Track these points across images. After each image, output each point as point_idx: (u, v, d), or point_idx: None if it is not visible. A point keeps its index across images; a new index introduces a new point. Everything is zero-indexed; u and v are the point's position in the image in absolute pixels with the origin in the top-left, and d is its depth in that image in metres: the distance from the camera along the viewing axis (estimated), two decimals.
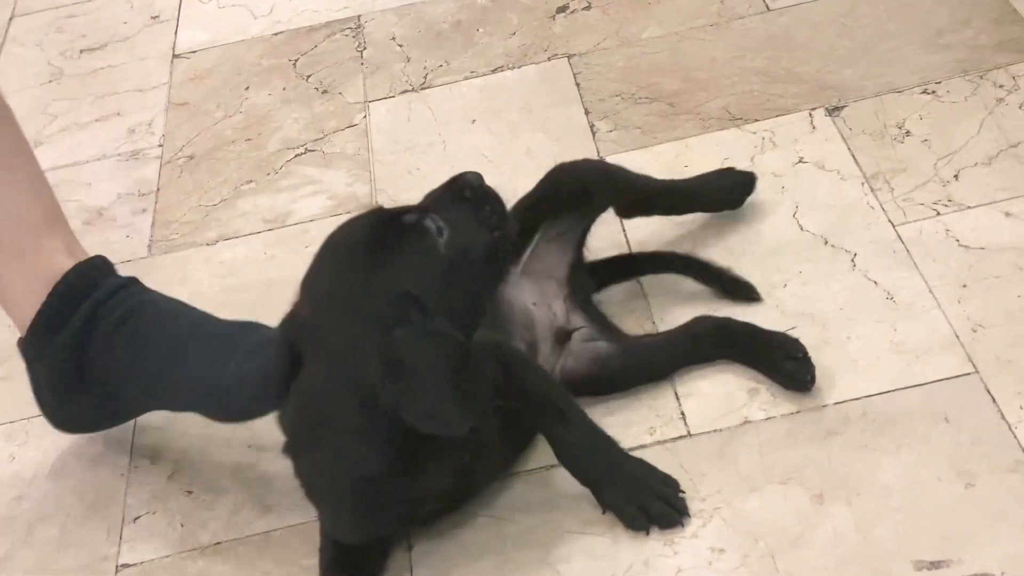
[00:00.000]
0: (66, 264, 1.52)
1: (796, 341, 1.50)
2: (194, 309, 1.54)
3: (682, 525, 1.37)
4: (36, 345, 1.52)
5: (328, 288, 1.33)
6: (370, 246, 1.31)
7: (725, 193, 1.70)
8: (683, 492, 1.39)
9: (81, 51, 2.32)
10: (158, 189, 1.98)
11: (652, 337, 1.57)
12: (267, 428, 1.57)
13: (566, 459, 1.41)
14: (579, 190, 1.56)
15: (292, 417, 1.36)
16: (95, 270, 1.54)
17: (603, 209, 1.61)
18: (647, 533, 1.37)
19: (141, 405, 1.56)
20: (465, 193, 1.37)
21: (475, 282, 1.33)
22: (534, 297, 1.54)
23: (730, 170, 1.72)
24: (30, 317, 1.51)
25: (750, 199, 1.71)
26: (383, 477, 1.31)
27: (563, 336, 1.52)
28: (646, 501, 1.38)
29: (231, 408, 1.47)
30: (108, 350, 1.50)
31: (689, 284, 1.63)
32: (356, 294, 1.29)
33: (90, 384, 1.52)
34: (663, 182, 1.68)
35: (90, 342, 1.50)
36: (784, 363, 1.49)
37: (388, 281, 1.28)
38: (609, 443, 1.41)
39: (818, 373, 1.49)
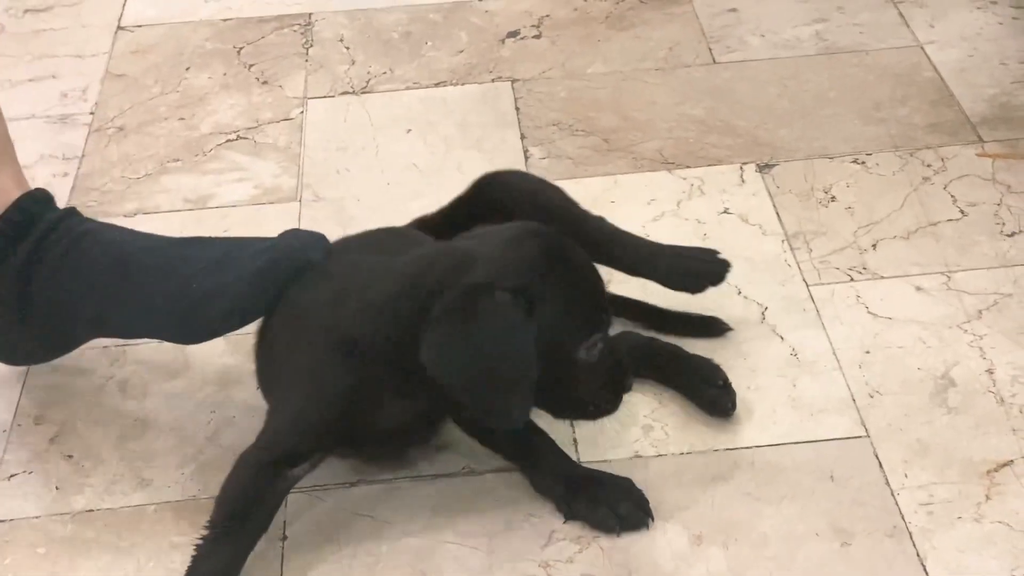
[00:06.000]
0: (14, 194, 1.52)
1: (717, 368, 1.52)
2: (136, 232, 1.54)
3: (647, 527, 1.38)
4: None
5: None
6: None
7: (685, 277, 1.56)
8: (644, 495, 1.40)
9: (25, 11, 2.29)
10: (83, 155, 1.96)
11: None
12: (160, 403, 1.57)
13: (539, 474, 1.42)
14: (500, 203, 1.53)
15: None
16: (40, 202, 1.54)
17: None
18: (618, 535, 1.38)
19: (86, 335, 1.55)
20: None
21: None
22: None
23: (708, 252, 1.58)
24: None
25: (674, 243, 1.72)
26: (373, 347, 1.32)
27: None
28: (615, 502, 1.39)
29: (196, 327, 1.46)
30: (54, 282, 1.49)
31: None
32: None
33: (32, 316, 1.51)
34: (610, 230, 1.55)
35: (36, 274, 1.50)
36: (706, 389, 1.51)
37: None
38: (570, 458, 1.43)
39: (713, 419, 1.50)
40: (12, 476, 1.50)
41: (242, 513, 1.35)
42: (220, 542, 1.34)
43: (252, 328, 1.47)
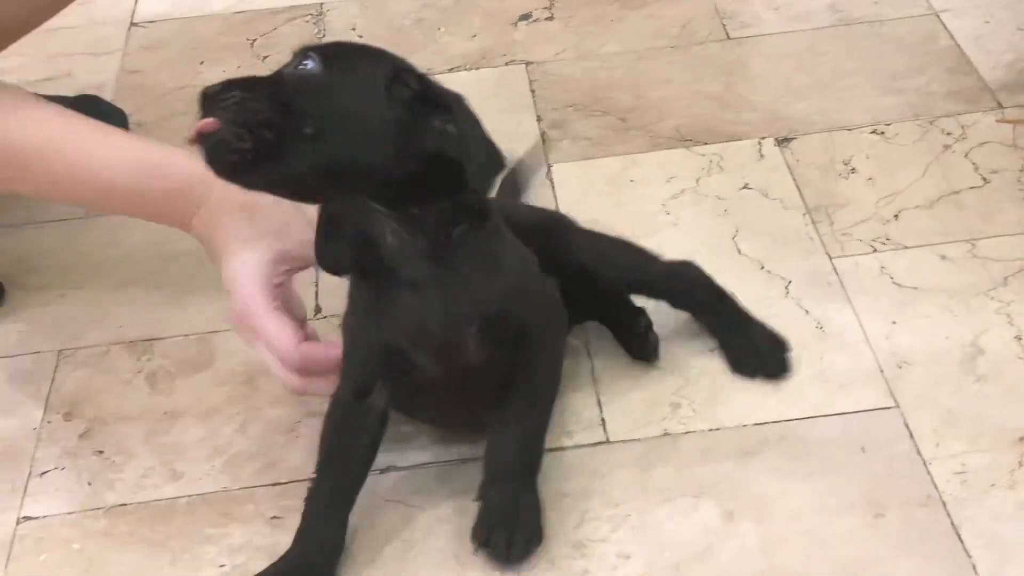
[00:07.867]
0: None
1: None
2: None
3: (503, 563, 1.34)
4: None
5: None
6: None
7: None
8: (534, 545, 1.35)
9: None
10: None
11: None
12: (188, 396, 1.57)
13: (500, 451, 1.38)
14: None
15: None
16: None
17: None
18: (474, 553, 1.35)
19: None
20: None
21: None
22: None
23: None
24: None
25: (694, 220, 1.72)
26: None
27: None
28: (497, 529, 1.34)
29: None
30: None
31: None
32: None
33: None
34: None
35: None
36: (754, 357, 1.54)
37: None
38: (535, 471, 1.39)
39: (740, 395, 1.50)
40: (44, 473, 1.50)
41: (333, 449, 1.37)
42: (322, 480, 1.37)
43: None
